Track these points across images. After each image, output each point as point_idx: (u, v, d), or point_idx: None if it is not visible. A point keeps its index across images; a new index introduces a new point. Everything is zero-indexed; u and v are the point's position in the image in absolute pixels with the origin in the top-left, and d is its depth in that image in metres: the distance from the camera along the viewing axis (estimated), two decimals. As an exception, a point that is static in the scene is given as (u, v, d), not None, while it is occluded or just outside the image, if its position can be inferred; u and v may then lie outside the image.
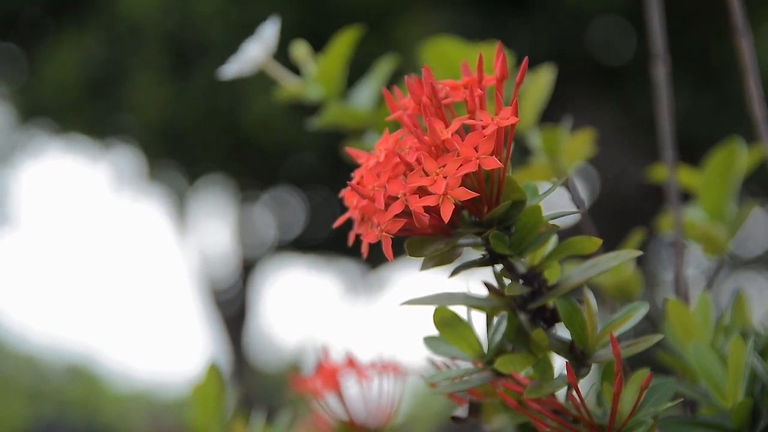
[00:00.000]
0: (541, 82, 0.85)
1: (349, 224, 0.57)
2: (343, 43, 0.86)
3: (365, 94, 0.88)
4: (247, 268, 5.66)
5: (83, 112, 4.35)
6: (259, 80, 3.91)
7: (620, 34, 4.07)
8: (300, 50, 0.88)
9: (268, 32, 0.86)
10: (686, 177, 0.88)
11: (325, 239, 5.18)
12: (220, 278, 5.74)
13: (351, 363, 0.82)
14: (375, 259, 5.08)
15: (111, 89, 4.16)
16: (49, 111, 4.49)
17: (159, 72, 3.97)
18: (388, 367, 0.83)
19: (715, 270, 0.86)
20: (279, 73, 0.88)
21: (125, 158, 4.90)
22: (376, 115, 0.86)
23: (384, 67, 0.87)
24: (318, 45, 0.91)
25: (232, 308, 5.70)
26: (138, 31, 3.95)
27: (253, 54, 0.86)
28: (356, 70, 0.91)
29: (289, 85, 0.88)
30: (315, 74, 0.87)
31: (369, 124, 0.87)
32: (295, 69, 0.90)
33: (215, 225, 5.71)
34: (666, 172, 0.84)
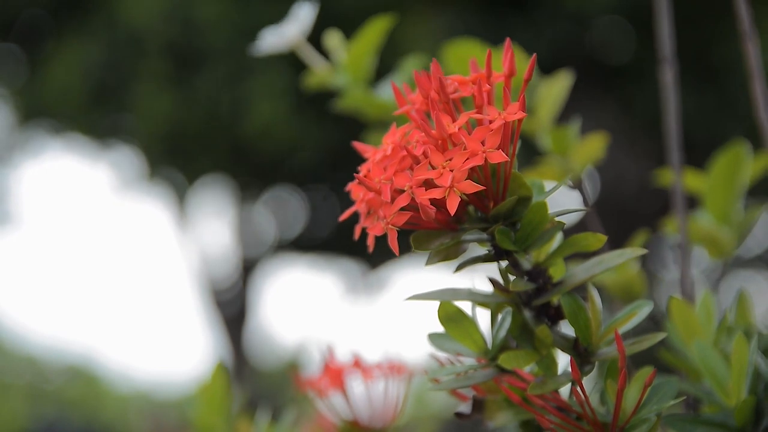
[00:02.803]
0: (558, 87, 0.85)
1: (350, 223, 0.57)
2: (374, 31, 0.87)
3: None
4: (247, 267, 5.66)
5: (85, 114, 4.36)
6: (262, 84, 3.91)
7: (620, 35, 4.08)
8: (332, 38, 0.89)
9: (304, 14, 0.86)
10: (692, 181, 0.89)
11: (325, 239, 5.18)
12: (220, 278, 5.75)
13: (357, 363, 0.82)
14: (375, 258, 5.08)
15: (113, 93, 4.17)
16: (51, 112, 4.49)
17: (161, 77, 3.97)
18: (393, 367, 0.83)
19: (720, 272, 0.86)
20: (310, 55, 0.88)
21: (126, 158, 4.90)
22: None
23: (411, 63, 0.88)
24: (318, 46, 0.91)
25: (232, 308, 5.71)
26: (139, 37, 3.95)
27: (289, 33, 0.86)
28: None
29: (319, 71, 0.88)
30: (345, 61, 0.87)
31: (392, 116, 0.87)
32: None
33: (215, 225, 5.71)
34: (672, 175, 0.84)
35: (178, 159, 4.57)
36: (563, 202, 0.78)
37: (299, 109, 3.73)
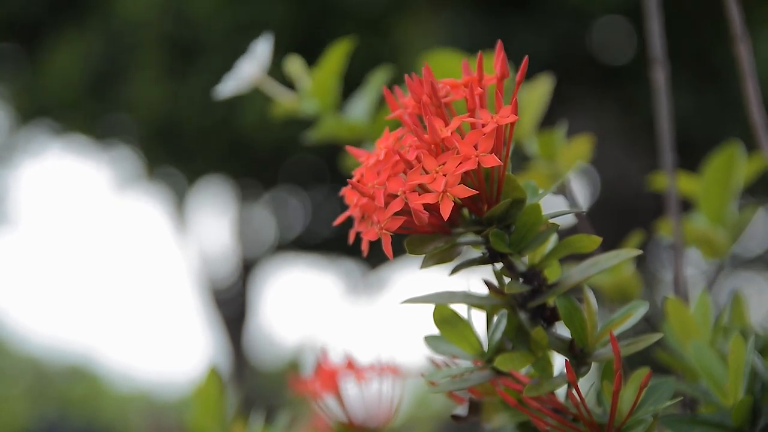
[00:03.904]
0: (540, 91, 0.85)
1: (349, 223, 0.57)
2: (337, 55, 0.86)
3: (361, 106, 0.87)
4: (248, 267, 5.66)
5: (83, 111, 4.36)
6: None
7: (621, 34, 4.07)
8: (294, 65, 0.88)
9: (262, 49, 0.86)
10: (686, 184, 0.89)
11: (325, 239, 5.18)
12: (220, 278, 5.75)
13: (350, 364, 0.82)
14: (375, 258, 5.08)
15: (110, 88, 4.18)
16: (50, 111, 4.50)
17: (157, 71, 3.98)
18: (387, 368, 0.83)
19: (714, 273, 0.87)
20: (274, 89, 0.88)
21: (125, 158, 4.90)
22: (372, 126, 0.86)
23: (379, 78, 0.87)
24: (316, 46, 0.91)
25: (232, 308, 5.71)
26: (136, 31, 3.96)
27: (248, 72, 0.86)
28: (355, 72, 0.91)
29: (285, 101, 0.88)
30: (310, 88, 0.87)
31: (365, 135, 0.87)
32: (289, 79, 0.90)
33: (215, 224, 5.71)
34: (666, 177, 0.85)
35: (177, 157, 4.58)
36: (559, 204, 0.78)
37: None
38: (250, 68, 0.86)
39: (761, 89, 0.80)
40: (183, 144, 4.36)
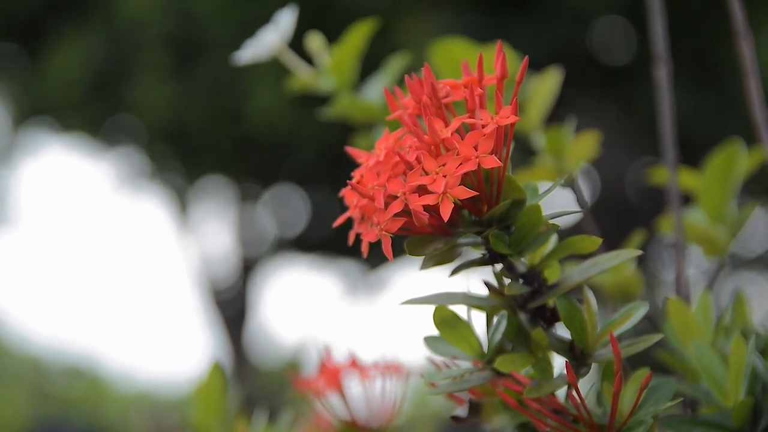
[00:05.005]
0: (548, 84, 0.85)
1: (349, 224, 0.57)
2: (357, 35, 0.87)
3: (377, 88, 0.88)
4: (248, 267, 5.66)
5: (86, 110, 4.36)
6: (261, 77, 3.92)
7: (621, 34, 4.07)
8: (314, 41, 0.89)
9: (285, 20, 0.86)
10: (687, 179, 0.89)
11: (325, 238, 5.18)
12: (221, 278, 5.75)
13: (354, 363, 0.82)
14: (375, 258, 5.08)
15: (113, 87, 4.17)
16: (52, 110, 4.50)
17: (161, 70, 3.98)
18: (391, 368, 0.83)
19: (715, 271, 0.86)
20: (292, 61, 0.88)
21: (127, 157, 4.90)
22: (386, 109, 0.86)
23: (396, 63, 0.88)
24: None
25: (232, 308, 5.71)
26: (139, 30, 3.96)
27: (268, 41, 0.86)
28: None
29: (302, 75, 0.88)
30: (328, 65, 0.87)
31: (379, 118, 0.87)
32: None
33: (216, 224, 5.71)
34: (667, 173, 0.84)
35: (180, 156, 4.58)
36: (560, 203, 0.78)
37: (296, 103, 3.73)
38: (272, 37, 0.85)
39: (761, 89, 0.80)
40: (186, 143, 4.36)
